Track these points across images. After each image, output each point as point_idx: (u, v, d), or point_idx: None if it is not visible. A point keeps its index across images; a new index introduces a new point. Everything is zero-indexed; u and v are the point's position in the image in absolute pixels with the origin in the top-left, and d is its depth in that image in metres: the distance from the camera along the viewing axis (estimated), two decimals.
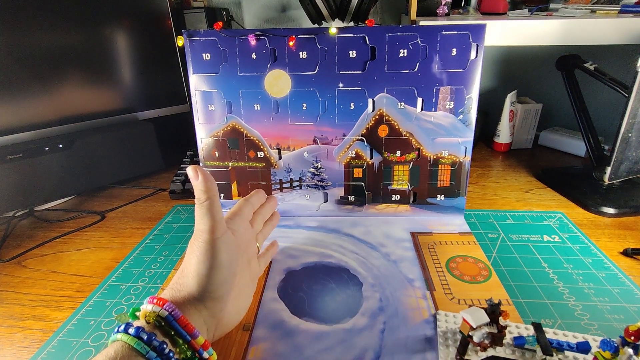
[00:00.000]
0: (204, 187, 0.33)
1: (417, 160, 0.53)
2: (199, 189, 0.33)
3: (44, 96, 0.62)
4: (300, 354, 0.34)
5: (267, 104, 0.52)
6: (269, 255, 0.45)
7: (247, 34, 0.50)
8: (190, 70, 0.52)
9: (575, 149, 0.78)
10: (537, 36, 0.59)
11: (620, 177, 0.58)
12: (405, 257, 0.46)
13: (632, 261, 0.45)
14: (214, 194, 0.33)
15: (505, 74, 0.91)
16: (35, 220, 0.61)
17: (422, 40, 0.48)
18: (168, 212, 0.60)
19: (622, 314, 0.37)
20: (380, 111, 0.51)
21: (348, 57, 0.50)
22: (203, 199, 0.33)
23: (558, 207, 0.58)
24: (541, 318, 0.37)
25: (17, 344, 0.37)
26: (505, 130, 0.79)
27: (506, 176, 0.69)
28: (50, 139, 0.62)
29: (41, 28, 0.60)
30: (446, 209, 0.54)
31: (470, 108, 0.50)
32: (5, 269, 0.49)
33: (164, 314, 0.28)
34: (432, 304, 0.39)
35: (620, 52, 0.74)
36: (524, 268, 0.44)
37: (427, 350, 0.33)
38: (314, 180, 0.55)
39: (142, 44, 0.72)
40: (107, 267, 0.48)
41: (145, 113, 0.74)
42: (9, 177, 0.57)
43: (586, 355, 0.31)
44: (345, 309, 0.39)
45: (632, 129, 0.53)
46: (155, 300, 0.29)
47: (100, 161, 0.67)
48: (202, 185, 0.33)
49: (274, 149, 0.54)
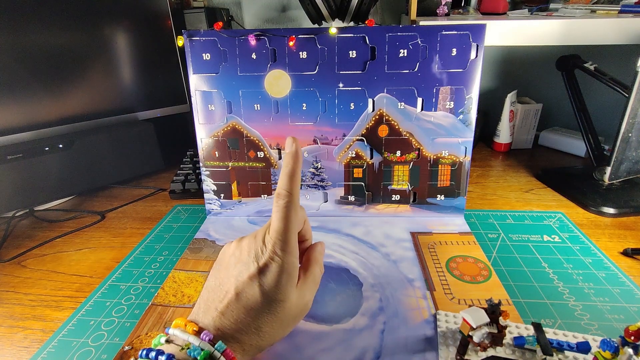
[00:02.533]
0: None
1: (417, 160, 0.53)
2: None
3: (44, 96, 0.62)
4: (300, 354, 0.34)
5: (267, 104, 0.52)
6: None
7: (247, 34, 0.50)
8: (190, 70, 0.52)
9: (575, 149, 0.78)
10: (537, 36, 0.59)
11: (620, 177, 0.58)
12: (405, 257, 0.46)
13: (632, 261, 0.45)
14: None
15: (505, 74, 0.91)
16: (35, 220, 0.61)
17: (422, 40, 0.48)
18: (168, 212, 0.60)
19: (622, 314, 0.37)
20: (380, 111, 0.51)
21: (348, 57, 0.50)
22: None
23: (558, 207, 0.58)
24: (541, 318, 0.37)
25: (17, 344, 0.37)
26: (505, 130, 0.79)
27: (506, 176, 0.69)
28: (50, 139, 0.62)
29: (41, 28, 0.60)
30: (446, 209, 0.54)
31: (470, 108, 0.50)
32: (5, 269, 0.49)
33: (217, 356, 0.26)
34: (432, 304, 0.39)
35: (620, 52, 0.74)
36: (524, 268, 0.44)
37: (427, 350, 0.33)
38: (314, 180, 0.55)
39: (142, 44, 0.72)
40: (107, 267, 0.48)
41: (145, 113, 0.74)
42: (9, 177, 0.57)
43: (586, 355, 0.31)
44: (345, 309, 0.39)
45: (632, 129, 0.53)
46: (207, 338, 0.27)
47: (100, 161, 0.67)
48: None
49: (274, 149, 0.54)
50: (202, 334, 0.27)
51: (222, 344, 0.27)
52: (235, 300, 0.29)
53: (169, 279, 0.44)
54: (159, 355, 0.25)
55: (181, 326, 0.28)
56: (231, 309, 0.29)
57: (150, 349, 0.26)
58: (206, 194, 0.57)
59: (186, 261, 0.47)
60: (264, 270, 0.30)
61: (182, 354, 0.26)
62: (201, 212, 0.59)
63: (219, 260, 0.34)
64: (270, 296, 0.29)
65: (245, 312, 0.29)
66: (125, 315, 0.39)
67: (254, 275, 0.30)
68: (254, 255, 0.31)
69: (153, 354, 0.25)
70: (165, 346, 0.27)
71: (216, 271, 0.33)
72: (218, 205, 0.57)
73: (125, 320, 0.39)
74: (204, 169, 0.56)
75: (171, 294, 0.42)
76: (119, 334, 0.37)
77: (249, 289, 0.29)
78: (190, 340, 0.27)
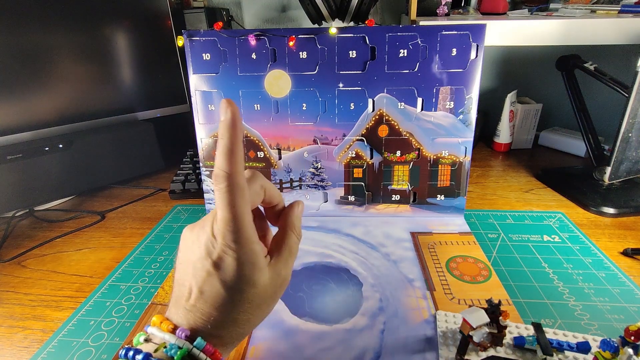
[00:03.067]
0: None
1: (417, 160, 0.53)
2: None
3: (44, 96, 0.62)
4: (300, 353, 0.34)
5: (267, 104, 0.52)
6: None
7: (247, 34, 0.50)
8: (190, 70, 0.52)
9: (575, 149, 0.78)
10: (537, 36, 0.59)
11: (620, 177, 0.58)
12: (405, 257, 0.46)
13: (632, 261, 0.45)
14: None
15: (505, 74, 0.91)
16: (35, 220, 0.61)
17: (422, 40, 0.48)
18: (168, 212, 0.60)
19: (622, 314, 0.37)
20: (380, 111, 0.51)
21: (348, 57, 0.50)
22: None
23: (558, 207, 0.58)
24: (541, 318, 0.37)
25: (17, 344, 0.37)
26: (505, 130, 0.79)
27: (506, 176, 0.69)
28: (50, 139, 0.62)
29: (41, 28, 0.60)
30: (446, 209, 0.54)
31: (470, 108, 0.50)
32: (5, 269, 0.49)
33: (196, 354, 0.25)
34: (432, 304, 0.39)
35: (620, 52, 0.74)
36: (524, 268, 0.44)
37: (427, 350, 0.33)
38: (314, 180, 0.55)
39: (142, 44, 0.72)
40: (107, 267, 0.48)
41: (145, 113, 0.74)
42: (9, 177, 0.57)
43: (586, 355, 0.31)
44: (345, 309, 0.39)
45: (632, 129, 0.53)
46: (184, 335, 0.25)
47: (100, 161, 0.66)
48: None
49: (274, 149, 0.54)
50: (178, 330, 0.26)
51: (201, 340, 0.25)
52: (200, 297, 0.27)
53: (168, 278, 0.45)
54: (136, 355, 0.24)
55: (157, 324, 0.27)
56: (199, 307, 0.27)
57: (130, 347, 0.25)
58: (206, 194, 0.57)
59: None
60: (219, 264, 0.27)
61: (159, 352, 0.25)
62: (201, 212, 0.59)
63: (180, 249, 0.30)
64: (235, 288, 0.27)
65: (214, 308, 0.27)
66: (125, 315, 0.39)
67: (210, 272, 0.27)
68: (205, 249, 0.27)
69: (131, 353, 0.25)
70: (144, 345, 0.26)
71: (178, 263, 0.30)
72: None
73: (125, 320, 0.39)
74: (204, 169, 0.56)
75: (171, 294, 0.42)
76: (119, 334, 0.37)
77: (210, 286, 0.27)
78: (166, 338, 0.26)
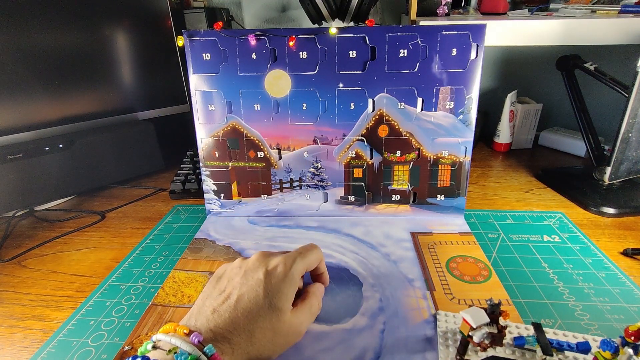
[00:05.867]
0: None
1: (417, 160, 0.53)
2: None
3: (44, 96, 0.62)
4: (300, 354, 0.34)
5: (267, 104, 0.52)
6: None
7: (247, 34, 0.50)
8: (190, 70, 0.52)
9: (575, 149, 0.78)
10: (537, 36, 0.59)
11: (620, 177, 0.58)
12: (405, 257, 0.46)
13: (632, 261, 0.45)
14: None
15: (505, 74, 0.91)
16: (35, 220, 0.61)
17: (422, 40, 0.48)
18: (168, 212, 0.60)
19: (622, 314, 0.37)
20: (380, 111, 0.51)
21: (348, 57, 0.50)
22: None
23: (558, 207, 0.58)
24: (541, 318, 0.37)
25: (17, 344, 0.37)
26: (505, 130, 0.79)
27: (506, 176, 0.69)
28: (50, 139, 0.62)
29: (41, 28, 0.60)
30: (446, 209, 0.54)
31: (470, 108, 0.50)
32: (5, 269, 0.49)
33: None
34: (432, 304, 0.39)
35: (620, 52, 0.74)
36: (524, 268, 0.44)
37: (427, 350, 0.33)
38: (314, 180, 0.55)
39: (142, 44, 0.72)
40: (107, 267, 0.48)
41: (146, 113, 0.74)
42: (9, 177, 0.56)
43: (586, 355, 0.31)
44: (345, 309, 0.39)
45: (632, 129, 0.53)
46: (196, 340, 0.26)
47: (100, 161, 0.67)
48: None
49: (274, 149, 0.54)
50: (192, 335, 0.27)
51: (212, 347, 0.26)
52: (235, 302, 0.31)
53: (169, 279, 0.44)
54: None
55: (170, 330, 0.28)
56: (228, 309, 0.30)
57: (136, 356, 0.25)
58: (206, 194, 0.57)
59: (186, 261, 0.47)
60: (272, 272, 0.33)
61: (169, 358, 0.25)
62: (201, 212, 0.59)
63: (218, 274, 0.35)
64: (271, 300, 0.31)
65: (243, 313, 0.30)
66: (125, 315, 0.39)
67: (260, 280, 0.32)
68: (265, 262, 0.34)
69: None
70: (152, 352, 0.27)
71: (215, 282, 0.34)
72: (218, 205, 0.57)
73: (126, 320, 0.39)
74: (204, 169, 0.56)
75: (171, 294, 0.42)
76: (119, 334, 0.37)
77: (252, 292, 0.31)
78: (178, 343, 0.26)
